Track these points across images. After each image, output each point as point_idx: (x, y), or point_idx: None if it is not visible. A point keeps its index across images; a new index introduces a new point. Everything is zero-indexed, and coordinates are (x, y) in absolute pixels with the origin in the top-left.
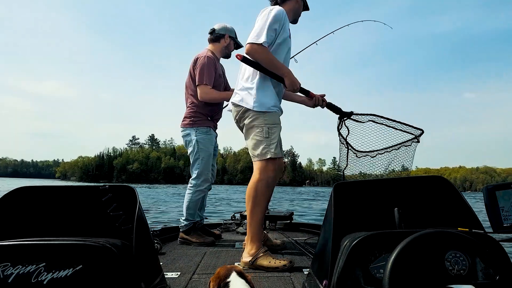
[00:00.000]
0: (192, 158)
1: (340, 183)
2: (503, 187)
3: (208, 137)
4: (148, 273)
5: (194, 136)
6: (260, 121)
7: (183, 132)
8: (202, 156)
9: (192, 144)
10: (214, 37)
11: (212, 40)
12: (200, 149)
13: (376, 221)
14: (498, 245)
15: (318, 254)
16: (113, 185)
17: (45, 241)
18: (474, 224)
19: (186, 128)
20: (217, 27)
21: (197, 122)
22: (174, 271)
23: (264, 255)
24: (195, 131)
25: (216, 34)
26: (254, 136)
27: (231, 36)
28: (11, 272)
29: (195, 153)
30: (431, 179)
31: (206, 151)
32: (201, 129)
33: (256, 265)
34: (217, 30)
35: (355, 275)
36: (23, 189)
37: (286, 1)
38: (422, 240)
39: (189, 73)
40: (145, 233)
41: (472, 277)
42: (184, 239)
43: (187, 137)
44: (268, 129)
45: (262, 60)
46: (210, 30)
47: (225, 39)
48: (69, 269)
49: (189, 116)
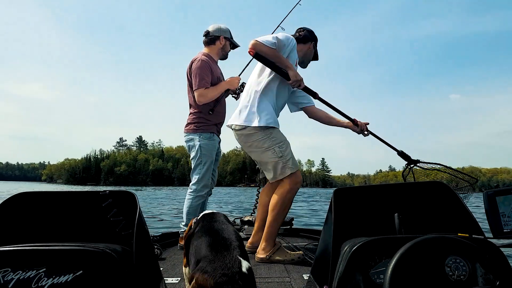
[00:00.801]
0: (194, 163)
1: (340, 189)
2: (503, 192)
3: (211, 143)
4: (148, 279)
5: (197, 141)
6: (269, 143)
7: (186, 137)
8: (204, 161)
9: (195, 149)
10: (208, 39)
11: (207, 42)
12: (203, 154)
13: (376, 226)
14: (498, 251)
15: (318, 259)
16: (113, 191)
17: (45, 246)
18: (474, 229)
19: (190, 133)
20: (211, 29)
21: (201, 128)
22: (174, 277)
23: (280, 250)
24: (199, 136)
25: (210, 36)
26: (269, 160)
27: (226, 37)
28: (11, 278)
29: (197, 158)
30: (431, 185)
31: (208, 157)
32: (204, 135)
33: (272, 259)
34: (212, 32)
35: (355, 280)
36: (23, 194)
37: (301, 43)
38: (422, 245)
39: (186, 78)
40: (145, 239)
41: (472, 283)
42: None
43: (190, 142)
44: (279, 148)
45: (267, 52)
46: (204, 32)
47: (221, 41)
48: (70, 275)
49: (192, 121)
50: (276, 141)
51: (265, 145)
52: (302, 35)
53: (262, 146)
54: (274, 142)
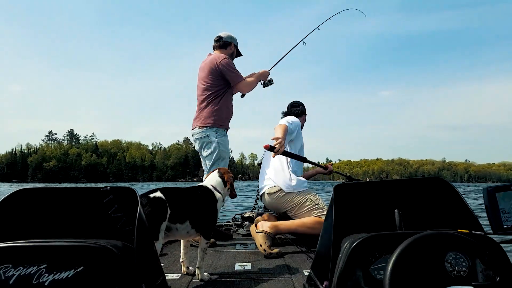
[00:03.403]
0: (211, 160)
1: (340, 185)
2: (503, 188)
3: (226, 139)
4: (149, 274)
5: (214, 137)
6: (307, 196)
7: (201, 133)
8: (223, 157)
9: (212, 145)
10: (221, 44)
11: (219, 47)
12: (221, 150)
13: (376, 222)
14: (498, 247)
15: (318, 255)
16: (114, 187)
17: (46, 242)
18: (474, 225)
19: (205, 129)
20: (224, 35)
21: (217, 123)
22: (175, 272)
23: (269, 239)
24: (215, 132)
25: (223, 41)
26: (307, 209)
27: (235, 45)
28: (12, 274)
29: (216, 154)
30: (431, 181)
31: (226, 153)
32: (221, 131)
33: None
34: (224, 38)
35: (356, 276)
36: (24, 190)
37: (301, 116)
38: (423, 241)
39: (208, 75)
40: (146, 235)
41: (472, 279)
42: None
43: (206, 138)
44: (315, 196)
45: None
46: (216, 37)
47: (231, 47)
48: (71, 271)
49: (209, 116)
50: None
51: (304, 199)
52: (300, 110)
53: (301, 199)
54: (310, 197)
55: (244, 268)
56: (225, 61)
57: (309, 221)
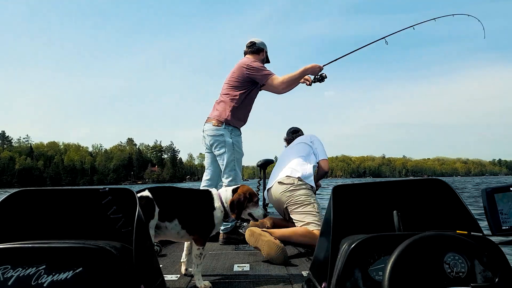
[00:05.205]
0: (225, 159)
1: (339, 186)
2: (502, 190)
3: (240, 139)
4: (148, 275)
5: (229, 137)
6: (311, 200)
7: (215, 131)
8: (238, 157)
9: (226, 145)
10: (255, 49)
11: (253, 52)
12: (236, 151)
13: (375, 223)
14: (496, 248)
15: (317, 256)
16: (113, 188)
17: (45, 243)
18: (472, 226)
19: (220, 127)
20: (257, 41)
21: (232, 123)
22: (174, 274)
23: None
24: (230, 132)
25: (256, 47)
26: (307, 213)
27: (266, 51)
28: (11, 275)
29: (231, 154)
30: (430, 182)
31: (240, 153)
32: (236, 131)
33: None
34: (258, 44)
35: (354, 277)
36: (23, 192)
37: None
38: (421, 242)
39: (235, 76)
40: (145, 236)
41: (471, 280)
42: (231, 238)
43: (220, 137)
44: (318, 206)
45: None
46: (249, 43)
47: (263, 53)
48: (69, 272)
49: (226, 114)
50: (315, 198)
51: (311, 198)
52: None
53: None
54: (314, 200)
55: (243, 269)
56: (255, 63)
57: (300, 231)
